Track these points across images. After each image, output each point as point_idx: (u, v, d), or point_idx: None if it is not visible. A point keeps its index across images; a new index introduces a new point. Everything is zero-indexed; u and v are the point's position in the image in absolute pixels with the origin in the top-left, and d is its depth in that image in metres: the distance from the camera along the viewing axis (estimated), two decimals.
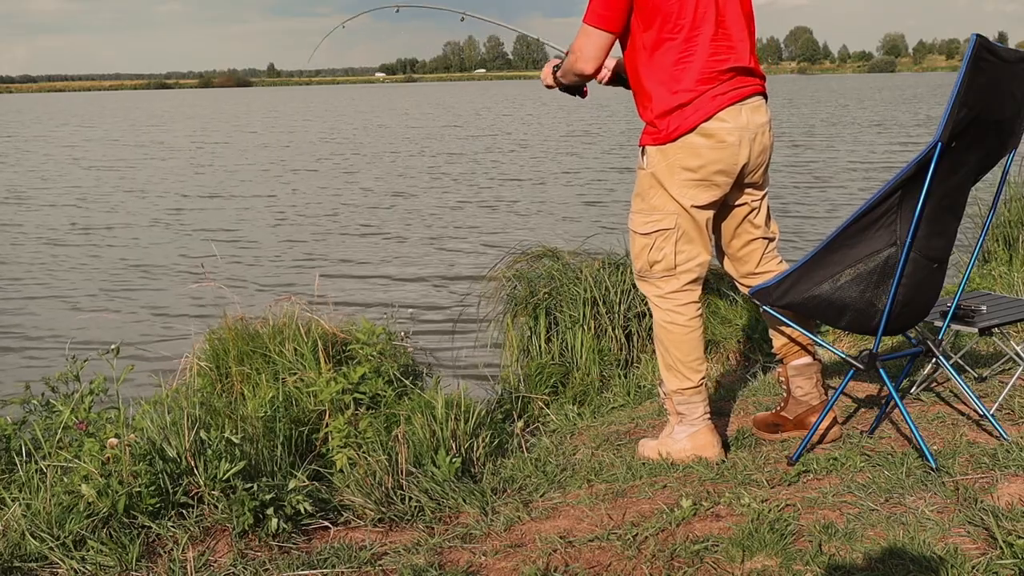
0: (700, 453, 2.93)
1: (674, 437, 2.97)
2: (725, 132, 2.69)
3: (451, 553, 2.46)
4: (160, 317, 7.94)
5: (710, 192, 2.76)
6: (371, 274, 9.60)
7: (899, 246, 2.68)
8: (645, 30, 2.71)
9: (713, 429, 2.97)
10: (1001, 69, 2.54)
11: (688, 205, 2.76)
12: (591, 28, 2.74)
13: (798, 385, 3.05)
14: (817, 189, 14.87)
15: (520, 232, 11.38)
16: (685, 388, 2.91)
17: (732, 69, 2.71)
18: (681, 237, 2.80)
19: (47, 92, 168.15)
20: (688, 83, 2.68)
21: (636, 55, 2.77)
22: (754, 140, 2.75)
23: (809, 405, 3.04)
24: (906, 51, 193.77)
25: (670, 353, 2.90)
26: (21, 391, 3.39)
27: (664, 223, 2.79)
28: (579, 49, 2.78)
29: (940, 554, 2.19)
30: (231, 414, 3.35)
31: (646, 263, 2.87)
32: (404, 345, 4.51)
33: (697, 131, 2.69)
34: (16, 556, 2.43)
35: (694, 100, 2.68)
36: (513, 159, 21.78)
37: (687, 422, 2.95)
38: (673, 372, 2.91)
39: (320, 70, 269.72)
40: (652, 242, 2.83)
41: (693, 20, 2.67)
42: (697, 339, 2.89)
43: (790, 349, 3.04)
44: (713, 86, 2.68)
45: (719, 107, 2.68)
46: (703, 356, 2.92)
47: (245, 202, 15.39)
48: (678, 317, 2.87)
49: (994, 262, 5.53)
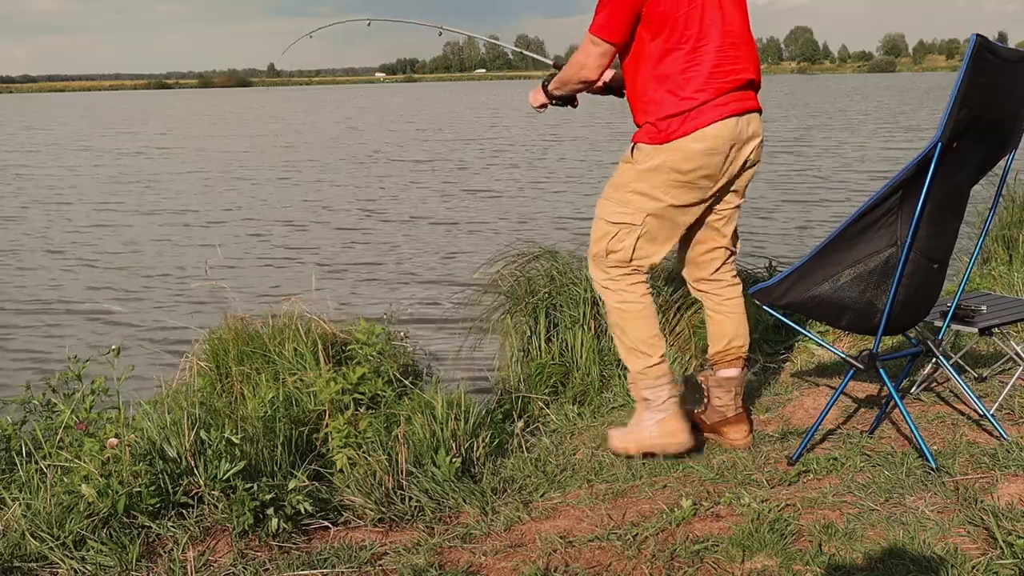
0: (668, 439, 2.96)
1: (642, 425, 2.99)
2: (718, 141, 2.76)
3: (451, 553, 2.46)
4: (160, 317, 7.93)
5: (692, 194, 2.84)
6: (371, 274, 9.60)
7: (899, 246, 2.68)
8: (652, 39, 2.78)
9: (681, 415, 2.99)
10: (1001, 69, 2.54)
11: (669, 204, 2.83)
12: (597, 39, 2.82)
13: (717, 396, 3.10)
14: (818, 189, 14.87)
15: (519, 232, 11.38)
16: (649, 366, 2.94)
17: (736, 81, 2.79)
18: (644, 235, 2.87)
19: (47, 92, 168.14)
20: (693, 90, 2.76)
21: (641, 63, 2.83)
22: (741, 151, 2.83)
23: (724, 416, 3.09)
24: (906, 51, 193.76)
25: (628, 334, 2.95)
26: (21, 391, 3.39)
27: (632, 218, 2.86)
28: (585, 58, 2.87)
29: (940, 554, 2.19)
30: (231, 414, 3.35)
31: (603, 250, 2.94)
32: (404, 345, 4.51)
33: (693, 136, 2.76)
34: (16, 556, 2.43)
35: (697, 107, 2.75)
36: (512, 159, 21.78)
37: (654, 408, 2.97)
38: (634, 353, 2.96)
39: (320, 70, 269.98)
40: (616, 231, 2.90)
41: (700, 31, 2.75)
42: (652, 315, 2.96)
43: (723, 358, 3.10)
44: (716, 96, 2.76)
45: (719, 116, 2.75)
46: (660, 334, 2.98)
47: (245, 202, 15.40)
48: (630, 296, 2.93)
49: (994, 262, 5.53)
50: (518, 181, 17.31)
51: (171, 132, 36.86)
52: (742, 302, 3.11)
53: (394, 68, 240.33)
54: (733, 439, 3.07)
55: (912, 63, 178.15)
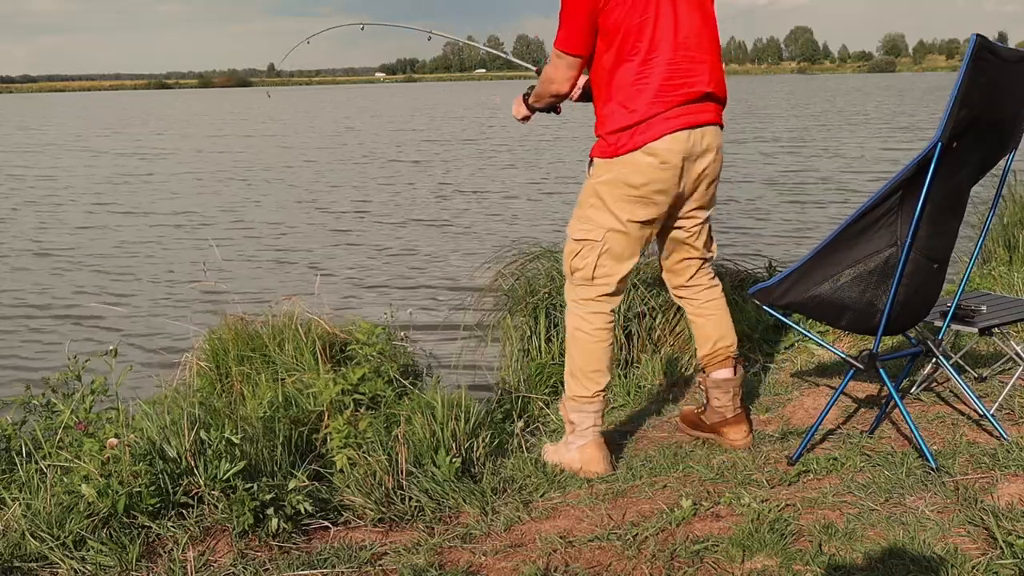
0: (587, 466, 2.97)
1: (567, 446, 3.02)
2: (670, 154, 2.75)
3: (451, 553, 2.46)
4: (160, 317, 7.93)
5: (648, 209, 2.82)
6: (370, 274, 9.60)
7: (899, 246, 2.68)
8: (606, 51, 2.78)
9: (602, 444, 3.00)
10: (1001, 69, 2.54)
11: (626, 219, 2.82)
12: (561, 52, 2.82)
13: (715, 397, 3.10)
14: (820, 188, 14.87)
15: (518, 232, 11.38)
16: (583, 396, 2.95)
17: (689, 94, 2.76)
18: (605, 252, 2.86)
19: (47, 92, 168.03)
20: (641, 104, 2.74)
21: (598, 75, 2.84)
22: (695, 164, 2.81)
23: (724, 417, 3.09)
24: (906, 51, 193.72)
25: (573, 360, 2.97)
26: (21, 391, 3.38)
27: (592, 235, 2.86)
28: (553, 71, 2.88)
29: (940, 554, 2.19)
30: (231, 414, 3.35)
31: (569, 268, 2.95)
32: (404, 345, 4.51)
33: (643, 150, 2.74)
34: (16, 556, 2.43)
35: (645, 120, 2.73)
36: (511, 159, 21.77)
37: (578, 432, 2.99)
38: (575, 379, 2.97)
39: (320, 70, 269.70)
40: (579, 249, 2.90)
41: (651, 44, 2.73)
42: (600, 351, 2.94)
43: (711, 360, 3.09)
44: (666, 109, 2.73)
45: (668, 130, 2.73)
46: (604, 370, 2.96)
47: (245, 202, 15.40)
48: (585, 324, 2.93)
49: (994, 262, 5.53)
50: (517, 181, 17.31)
51: (167, 132, 36.85)
52: (723, 303, 3.10)
53: (394, 68, 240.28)
54: (733, 439, 3.07)
55: (912, 63, 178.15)
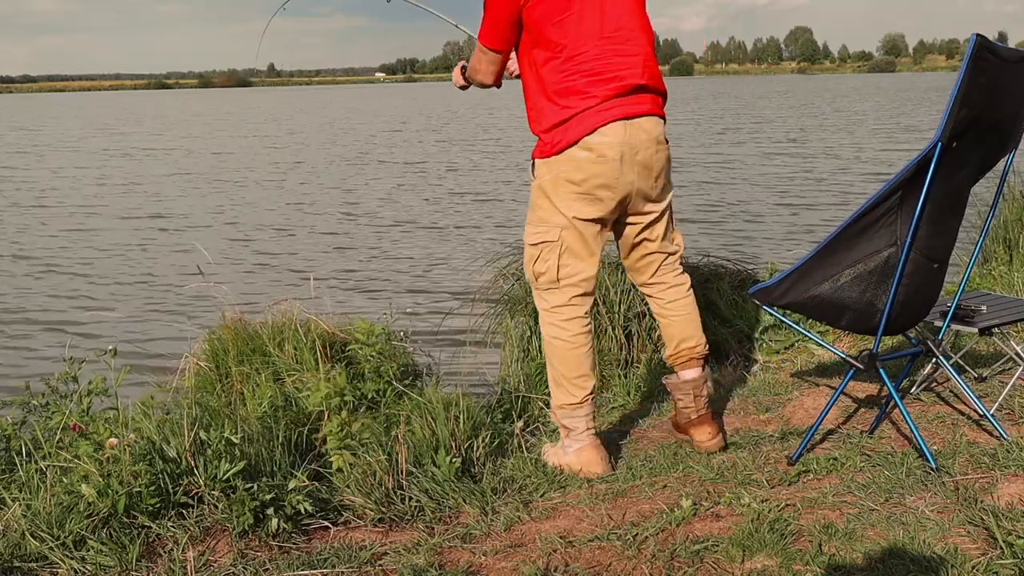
0: (586, 468, 2.96)
1: (565, 450, 3.01)
2: (605, 147, 2.72)
3: (451, 553, 2.46)
4: (160, 317, 7.93)
5: (594, 207, 2.80)
6: (370, 274, 9.60)
7: (899, 246, 2.68)
8: (533, 47, 2.77)
9: (598, 445, 2.99)
10: (1001, 69, 2.54)
11: (572, 217, 2.80)
12: (483, 46, 2.83)
13: (679, 398, 3.10)
14: (821, 188, 14.87)
15: (518, 233, 11.38)
16: (570, 404, 2.94)
17: (620, 87, 2.74)
18: (565, 251, 2.84)
19: (47, 92, 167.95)
20: (571, 99, 2.73)
21: (526, 72, 2.83)
22: (637, 156, 2.77)
23: (689, 418, 3.08)
24: (906, 51, 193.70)
25: (555, 368, 2.94)
26: (21, 391, 3.38)
27: (548, 235, 2.84)
28: (475, 65, 2.90)
29: (940, 554, 2.19)
30: (231, 414, 3.35)
31: (532, 274, 2.93)
32: (403, 345, 4.50)
33: (579, 145, 2.73)
34: (16, 556, 2.43)
35: (576, 115, 2.72)
36: (510, 159, 21.77)
37: (573, 437, 2.98)
38: (560, 387, 2.95)
39: (320, 70, 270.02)
40: (538, 253, 2.88)
41: (576, 39, 2.71)
42: (582, 356, 2.91)
43: (675, 360, 3.09)
44: (596, 103, 2.72)
45: (600, 123, 2.71)
46: (589, 373, 2.94)
47: (245, 202, 15.39)
48: (562, 332, 2.90)
49: (994, 262, 5.52)
50: (514, 181, 17.30)
51: (166, 133, 36.83)
52: (690, 302, 3.06)
53: (394, 68, 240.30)
54: (700, 441, 3.04)
55: (912, 63, 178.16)
